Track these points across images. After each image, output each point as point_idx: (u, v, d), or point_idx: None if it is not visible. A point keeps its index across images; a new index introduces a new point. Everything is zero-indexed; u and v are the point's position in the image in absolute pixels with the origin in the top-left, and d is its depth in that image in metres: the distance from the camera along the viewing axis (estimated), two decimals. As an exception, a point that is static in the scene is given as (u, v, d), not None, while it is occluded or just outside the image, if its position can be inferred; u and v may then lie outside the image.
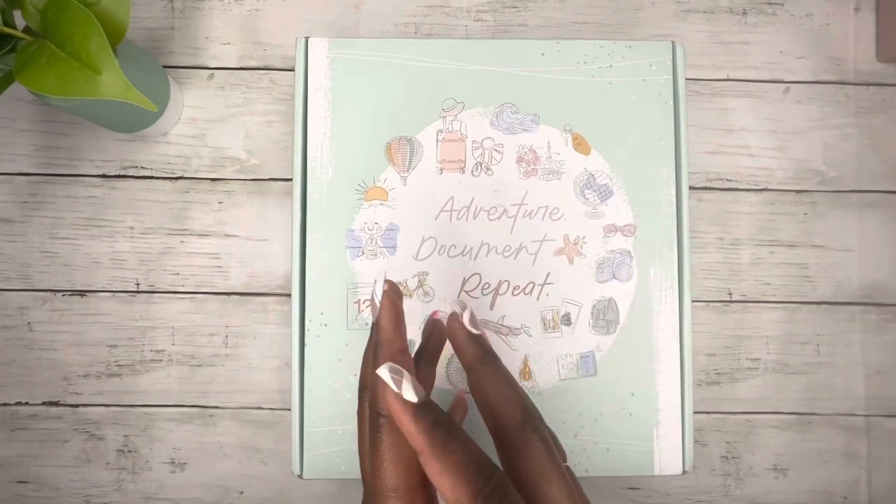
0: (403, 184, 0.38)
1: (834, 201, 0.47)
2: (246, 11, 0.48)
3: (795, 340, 0.47)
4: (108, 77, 0.34)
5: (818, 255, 0.47)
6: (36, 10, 0.35)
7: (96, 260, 0.46)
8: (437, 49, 0.38)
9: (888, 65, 0.48)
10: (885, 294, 0.47)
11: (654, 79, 0.38)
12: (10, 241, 0.46)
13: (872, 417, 0.47)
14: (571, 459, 0.37)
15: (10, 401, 0.46)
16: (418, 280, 0.37)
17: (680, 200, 0.38)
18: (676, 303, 0.38)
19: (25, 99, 0.47)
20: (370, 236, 0.37)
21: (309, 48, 0.38)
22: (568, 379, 0.37)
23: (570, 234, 0.38)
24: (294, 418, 0.36)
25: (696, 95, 0.48)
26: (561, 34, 0.48)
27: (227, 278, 0.46)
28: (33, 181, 0.46)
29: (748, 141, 0.48)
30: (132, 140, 0.47)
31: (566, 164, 0.38)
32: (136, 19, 0.47)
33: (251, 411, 0.46)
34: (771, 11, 0.48)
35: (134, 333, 0.46)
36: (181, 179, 0.47)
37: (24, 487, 0.45)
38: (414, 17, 0.48)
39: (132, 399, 0.46)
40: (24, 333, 0.46)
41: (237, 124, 0.47)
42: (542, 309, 0.37)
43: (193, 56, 0.47)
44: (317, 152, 0.38)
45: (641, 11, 0.48)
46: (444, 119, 0.38)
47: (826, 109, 0.48)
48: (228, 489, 0.45)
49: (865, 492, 0.46)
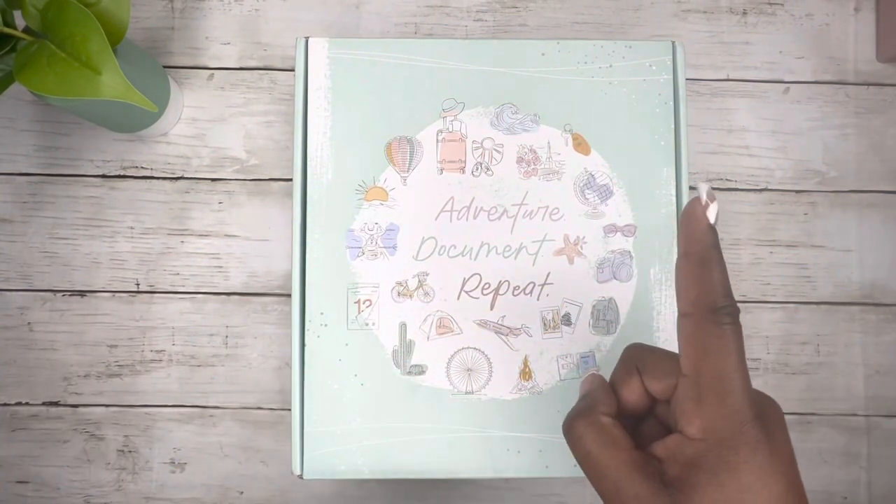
0: (403, 184, 0.38)
1: (834, 201, 0.47)
2: (246, 11, 0.48)
3: (795, 340, 0.47)
4: (108, 77, 0.34)
5: (818, 255, 0.47)
6: (36, 11, 0.35)
7: (96, 260, 0.46)
8: (437, 49, 0.38)
9: (888, 65, 0.48)
10: (885, 294, 0.47)
11: (654, 79, 0.38)
12: (10, 241, 0.46)
13: (872, 417, 0.47)
14: (571, 459, 0.37)
15: (10, 401, 0.46)
16: (418, 280, 0.37)
17: (680, 200, 0.38)
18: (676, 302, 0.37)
19: (25, 99, 0.47)
20: (370, 236, 0.37)
21: (309, 48, 0.38)
22: (568, 379, 0.37)
23: (570, 234, 0.38)
24: (294, 418, 0.36)
25: (696, 95, 0.48)
26: (561, 34, 0.48)
27: (227, 278, 0.46)
28: (33, 181, 0.46)
29: (748, 141, 0.48)
30: (132, 140, 0.47)
31: (566, 164, 0.38)
32: (136, 19, 0.47)
33: (251, 411, 0.46)
34: (771, 11, 0.48)
35: (134, 333, 0.46)
36: (181, 179, 0.47)
37: (24, 487, 0.45)
38: (414, 17, 0.48)
39: (132, 399, 0.46)
40: (24, 333, 0.46)
41: (237, 124, 0.47)
42: (542, 309, 0.37)
43: (193, 56, 0.47)
44: (317, 152, 0.38)
45: (641, 11, 0.48)
46: (445, 119, 0.38)
47: (826, 109, 0.48)
48: (228, 489, 0.45)
49: (865, 492, 0.46)
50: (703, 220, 0.22)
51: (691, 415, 0.22)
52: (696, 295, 0.22)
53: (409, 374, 0.36)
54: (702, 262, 0.22)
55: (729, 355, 0.21)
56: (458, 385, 0.37)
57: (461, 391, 0.37)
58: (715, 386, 0.21)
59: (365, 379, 0.36)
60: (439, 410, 0.36)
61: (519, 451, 0.36)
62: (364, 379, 0.36)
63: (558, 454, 0.36)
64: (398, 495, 0.46)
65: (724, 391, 0.21)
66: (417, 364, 0.36)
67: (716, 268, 0.22)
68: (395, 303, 0.37)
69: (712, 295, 0.21)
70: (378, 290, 0.37)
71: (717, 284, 0.21)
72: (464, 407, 0.36)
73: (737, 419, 0.21)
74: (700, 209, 0.22)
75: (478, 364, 0.37)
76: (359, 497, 0.45)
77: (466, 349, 0.37)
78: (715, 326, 0.21)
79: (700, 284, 0.22)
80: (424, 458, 0.36)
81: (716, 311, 0.21)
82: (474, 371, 0.37)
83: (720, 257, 0.22)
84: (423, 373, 0.36)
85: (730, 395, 0.21)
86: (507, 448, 0.36)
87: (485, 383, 0.37)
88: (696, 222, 0.22)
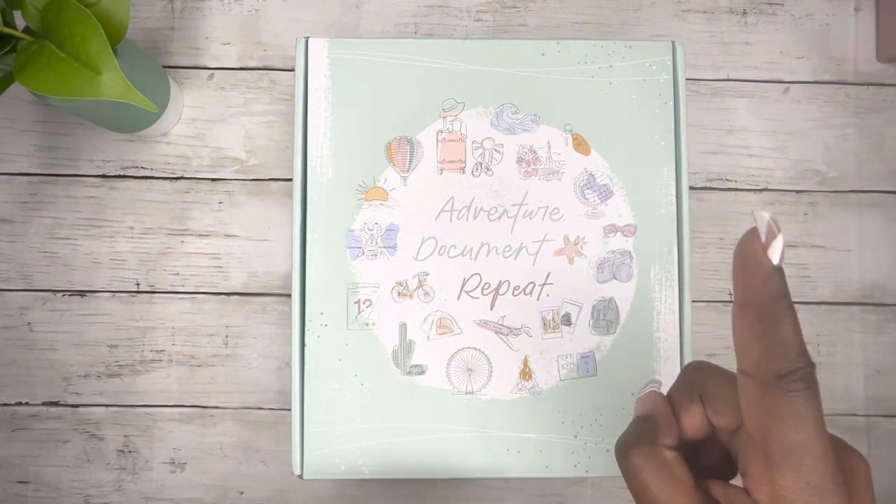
0: (403, 184, 0.38)
1: (834, 201, 0.47)
2: (246, 11, 0.48)
3: (795, 340, 0.47)
4: (108, 77, 0.34)
5: (818, 255, 0.47)
6: (36, 11, 0.35)
7: (96, 260, 0.46)
8: (437, 49, 0.38)
9: (888, 65, 0.48)
10: (885, 294, 0.47)
11: (653, 79, 0.38)
12: (10, 241, 0.46)
13: (872, 417, 0.47)
14: (571, 459, 0.37)
15: (10, 401, 0.46)
16: (418, 280, 0.37)
17: (680, 200, 0.38)
18: (676, 303, 0.38)
19: (25, 99, 0.47)
20: (370, 236, 0.37)
21: (309, 48, 0.38)
22: (568, 379, 0.37)
23: (570, 234, 0.38)
24: (294, 418, 0.36)
25: (696, 95, 0.48)
26: (561, 34, 0.48)
27: (227, 278, 0.46)
28: (33, 181, 0.46)
29: (748, 141, 0.48)
30: (132, 140, 0.47)
31: (566, 164, 0.38)
32: (136, 19, 0.47)
33: (251, 411, 0.46)
34: (771, 11, 0.48)
35: (134, 333, 0.46)
36: (181, 179, 0.47)
37: (24, 487, 0.45)
38: (414, 17, 0.48)
39: (132, 399, 0.46)
40: (24, 333, 0.46)
41: (237, 124, 0.47)
42: (542, 309, 0.37)
43: (193, 56, 0.47)
44: (317, 152, 0.38)
45: (641, 11, 0.48)
46: (445, 119, 0.38)
47: (826, 109, 0.48)
48: (228, 489, 0.45)
49: (865, 492, 0.46)
50: (765, 261, 0.17)
51: (760, 481, 0.19)
52: (758, 356, 0.18)
53: (409, 374, 0.36)
54: (765, 317, 0.17)
55: (804, 428, 0.17)
56: (458, 385, 0.37)
57: (461, 391, 0.37)
58: (789, 458, 0.18)
59: (365, 379, 0.36)
60: (439, 410, 0.36)
61: (519, 451, 0.36)
62: (364, 379, 0.36)
63: (558, 454, 0.36)
64: (398, 495, 0.46)
65: (801, 466, 0.18)
66: (417, 364, 0.36)
67: (785, 323, 0.17)
68: (395, 303, 0.37)
69: (781, 357, 0.17)
70: (378, 290, 0.37)
71: (788, 345, 0.17)
72: (464, 407, 0.36)
73: (816, 493, 0.18)
74: (759, 246, 0.17)
75: (478, 364, 0.37)
76: (359, 497, 0.45)
77: (466, 349, 0.37)
78: (784, 395, 0.17)
79: (764, 344, 0.18)
80: (424, 458, 0.36)
81: (785, 378, 0.17)
82: (474, 371, 0.37)
83: (790, 309, 0.17)
84: (423, 373, 0.36)
85: (808, 471, 0.18)
86: (507, 448, 0.36)
87: (485, 383, 0.37)
88: (755, 265, 0.17)
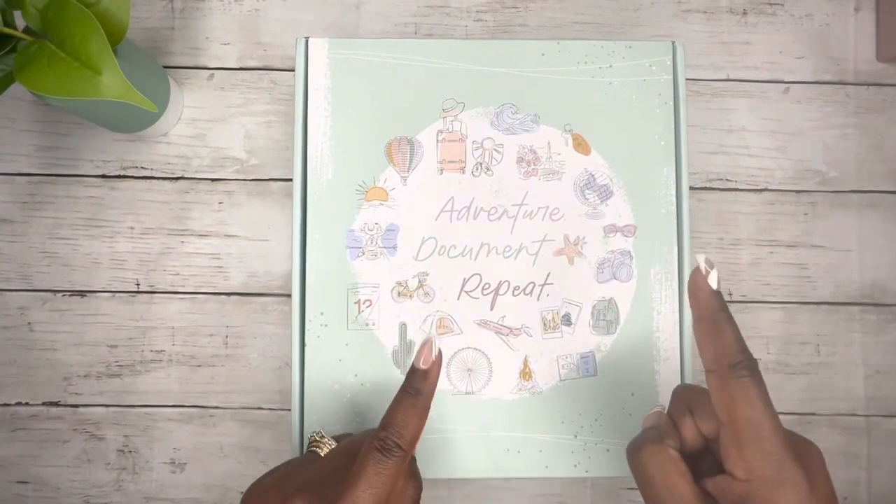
0: (403, 184, 0.38)
1: (834, 201, 0.47)
2: (246, 11, 0.48)
3: (795, 341, 0.47)
4: (108, 77, 0.34)
5: (818, 255, 0.47)
6: (36, 11, 0.35)
7: (96, 260, 0.46)
8: (437, 49, 0.38)
9: (888, 65, 0.48)
10: (885, 294, 0.47)
11: (654, 79, 0.38)
12: (10, 241, 0.46)
13: (872, 417, 0.47)
14: (571, 459, 0.37)
15: (10, 401, 0.46)
16: (418, 280, 0.37)
17: (680, 200, 0.38)
18: (676, 303, 0.38)
19: (25, 99, 0.47)
20: (370, 236, 0.37)
21: (309, 48, 0.38)
22: (568, 379, 0.37)
23: (570, 234, 0.38)
24: (294, 418, 0.36)
25: (696, 95, 0.48)
26: (561, 34, 0.48)
27: (227, 278, 0.46)
28: (33, 181, 0.46)
29: (748, 141, 0.48)
30: (132, 140, 0.47)
31: (566, 164, 0.38)
32: (136, 19, 0.47)
33: (251, 411, 0.46)
34: (771, 11, 0.48)
35: (134, 333, 0.46)
36: (181, 179, 0.47)
37: (24, 487, 0.45)
38: (414, 17, 0.48)
39: (132, 399, 0.46)
40: (24, 333, 0.46)
41: (237, 124, 0.47)
42: (542, 309, 0.37)
43: (193, 56, 0.47)
44: (317, 152, 0.38)
45: (641, 11, 0.48)
46: (445, 119, 0.38)
47: (826, 109, 0.48)
48: (228, 489, 0.45)
49: (865, 492, 0.46)
50: (707, 287, 0.25)
51: (735, 458, 0.24)
52: (714, 353, 0.25)
53: (409, 374, 0.36)
54: (713, 324, 0.25)
55: (755, 404, 0.24)
56: (459, 385, 0.37)
57: (461, 391, 0.37)
58: (750, 432, 0.24)
59: (365, 379, 0.36)
60: (439, 410, 0.36)
61: (519, 451, 0.36)
62: (364, 379, 0.36)
63: (558, 454, 0.36)
64: (398, 495, 0.46)
65: (760, 436, 0.23)
66: (417, 364, 0.36)
67: (727, 327, 0.24)
68: (395, 303, 0.37)
69: (728, 353, 0.24)
70: (378, 291, 0.37)
71: (731, 342, 0.24)
72: (464, 407, 0.36)
73: (776, 460, 0.23)
74: (702, 278, 0.25)
75: (478, 364, 0.37)
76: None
77: (466, 349, 0.37)
78: (736, 380, 0.24)
79: (716, 344, 0.25)
80: (424, 458, 0.36)
81: (734, 367, 0.24)
82: (474, 371, 0.37)
83: (729, 317, 0.25)
84: (423, 373, 0.36)
85: (765, 440, 0.23)
86: (507, 448, 0.36)
87: (485, 383, 0.37)
88: (701, 291, 0.25)
